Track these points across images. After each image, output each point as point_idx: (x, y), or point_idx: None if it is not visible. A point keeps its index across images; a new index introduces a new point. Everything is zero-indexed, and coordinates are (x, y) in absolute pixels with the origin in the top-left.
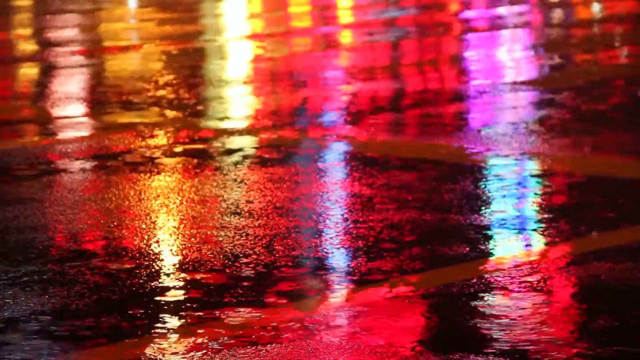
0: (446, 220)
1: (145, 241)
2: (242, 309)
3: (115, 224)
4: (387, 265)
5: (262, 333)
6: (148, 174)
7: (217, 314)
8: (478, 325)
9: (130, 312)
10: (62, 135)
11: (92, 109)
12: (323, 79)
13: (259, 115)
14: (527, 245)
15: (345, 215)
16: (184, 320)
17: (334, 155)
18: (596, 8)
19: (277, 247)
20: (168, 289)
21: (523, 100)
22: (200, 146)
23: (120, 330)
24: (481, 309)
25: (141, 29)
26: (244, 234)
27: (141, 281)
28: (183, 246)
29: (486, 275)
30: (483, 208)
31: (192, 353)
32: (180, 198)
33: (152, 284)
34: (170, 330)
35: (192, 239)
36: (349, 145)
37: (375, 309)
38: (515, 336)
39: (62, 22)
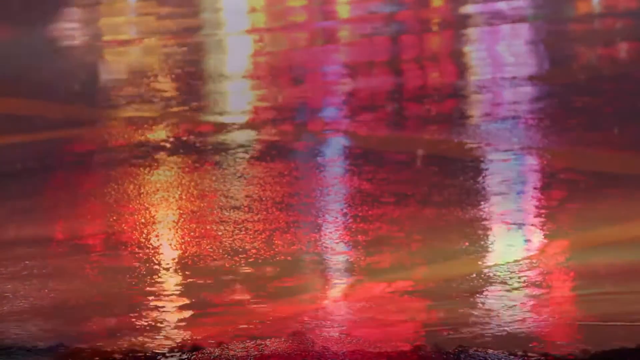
0: (445, 215)
1: (144, 235)
2: (241, 304)
3: (114, 218)
4: (387, 260)
5: (261, 328)
6: (147, 168)
7: (216, 309)
8: (477, 320)
9: (130, 306)
10: (61, 129)
11: (91, 103)
12: (322, 73)
13: (258, 109)
14: (526, 241)
15: (345, 210)
16: (183, 315)
17: (334, 150)
18: (596, 3)
19: (276, 242)
20: (167, 283)
21: (523, 95)
22: (199, 140)
23: (120, 325)
24: (481, 304)
25: (141, 23)
26: (243, 228)
27: (140, 275)
28: (182, 240)
29: (485, 271)
30: (482, 203)
31: (191, 347)
32: (179, 192)
33: (151, 278)
34: (170, 325)
35: (192, 233)
36: (348, 139)
37: (374, 303)
38: (514, 331)
39: (61, 16)
